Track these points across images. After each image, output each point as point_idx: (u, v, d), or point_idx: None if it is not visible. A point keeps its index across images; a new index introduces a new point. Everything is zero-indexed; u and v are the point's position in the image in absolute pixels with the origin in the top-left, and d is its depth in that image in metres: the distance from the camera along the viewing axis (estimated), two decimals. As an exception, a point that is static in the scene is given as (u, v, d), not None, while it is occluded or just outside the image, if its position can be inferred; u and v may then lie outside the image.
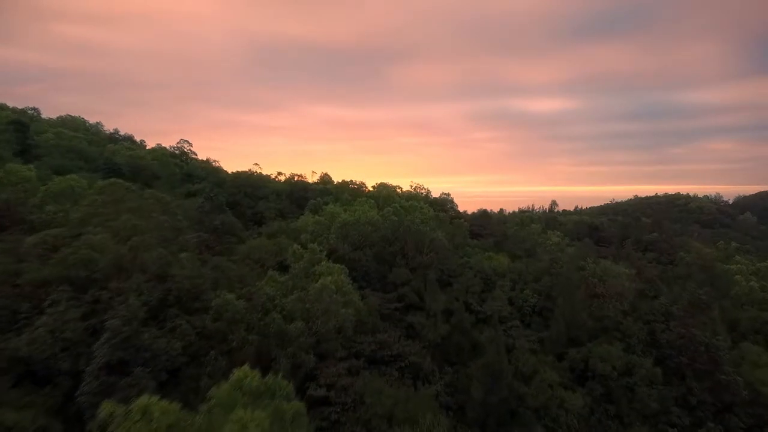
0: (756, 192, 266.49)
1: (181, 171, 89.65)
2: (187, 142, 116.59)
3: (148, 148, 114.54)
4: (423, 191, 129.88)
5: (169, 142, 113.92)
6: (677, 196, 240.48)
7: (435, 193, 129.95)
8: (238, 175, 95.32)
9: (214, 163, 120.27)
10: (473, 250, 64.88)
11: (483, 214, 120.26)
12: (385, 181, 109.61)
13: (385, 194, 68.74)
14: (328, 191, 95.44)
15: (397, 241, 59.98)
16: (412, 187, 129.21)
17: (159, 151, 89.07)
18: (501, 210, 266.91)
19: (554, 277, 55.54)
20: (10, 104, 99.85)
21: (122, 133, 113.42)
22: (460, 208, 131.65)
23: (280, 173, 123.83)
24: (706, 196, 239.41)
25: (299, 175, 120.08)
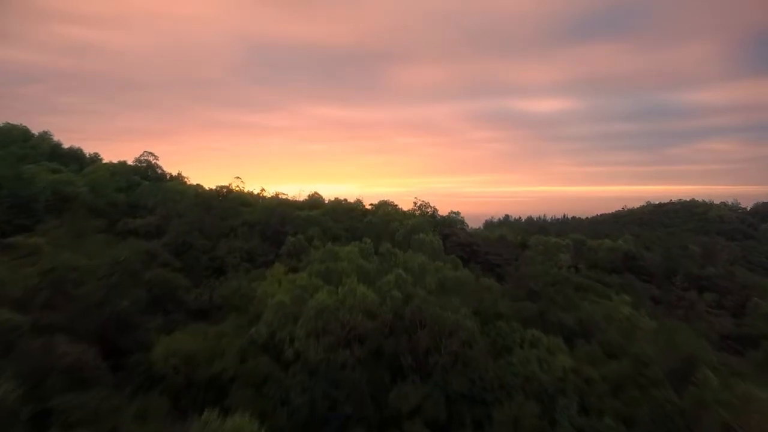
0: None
1: (127, 198, 67.54)
2: (152, 154, 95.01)
3: (105, 162, 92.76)
4: (429, 209, 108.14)
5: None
6: (693, 203, 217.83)
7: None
8: (202, 201, 73.23)
9: (185, 180, 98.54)
10: (510, 327, 42.84)
11: (501, 240, 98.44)
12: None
13: (386, 251, 46.43)
14: (312, 220, 73.41)
15: (401, 326, 38.19)
16: (416, 204, 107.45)
17: (98, 171, 66.78)
18: (506, 216, 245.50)
19: (649, 397, 33.68)
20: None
21: (71, 145, 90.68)
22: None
23: (263, 190, 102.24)
24: (723, 203, 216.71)
25: (284, 195, 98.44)
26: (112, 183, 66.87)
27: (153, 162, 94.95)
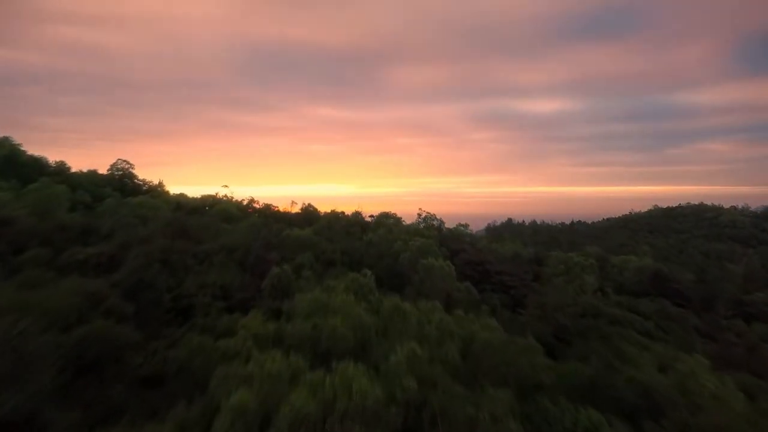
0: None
1: (83, 219, 55.58)
2: (126, 162, 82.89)
3: (74, 171, 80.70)
4: (435, 222, 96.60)
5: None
6: (702, 207, 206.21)
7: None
8: (175, 219, 61.24)
9: (165, 191, 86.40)
10: (557, 405, 31.16)
11: (515, 257, 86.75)
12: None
13: (394, 309, 34.42)
14: (304, 242, 61.69)
15: (415, 424, 26.61)
16: (420, 216, 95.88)
17: (45, 189, 54.34)
18: (509, 220, 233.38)
19: None
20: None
21: (33, 153, 78.19)
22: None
23: (253, 201, 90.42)
24: (733, 207, 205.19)
25: (275, 207, 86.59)
26: (64, 201, 54.81)
27: (128, 171, 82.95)
